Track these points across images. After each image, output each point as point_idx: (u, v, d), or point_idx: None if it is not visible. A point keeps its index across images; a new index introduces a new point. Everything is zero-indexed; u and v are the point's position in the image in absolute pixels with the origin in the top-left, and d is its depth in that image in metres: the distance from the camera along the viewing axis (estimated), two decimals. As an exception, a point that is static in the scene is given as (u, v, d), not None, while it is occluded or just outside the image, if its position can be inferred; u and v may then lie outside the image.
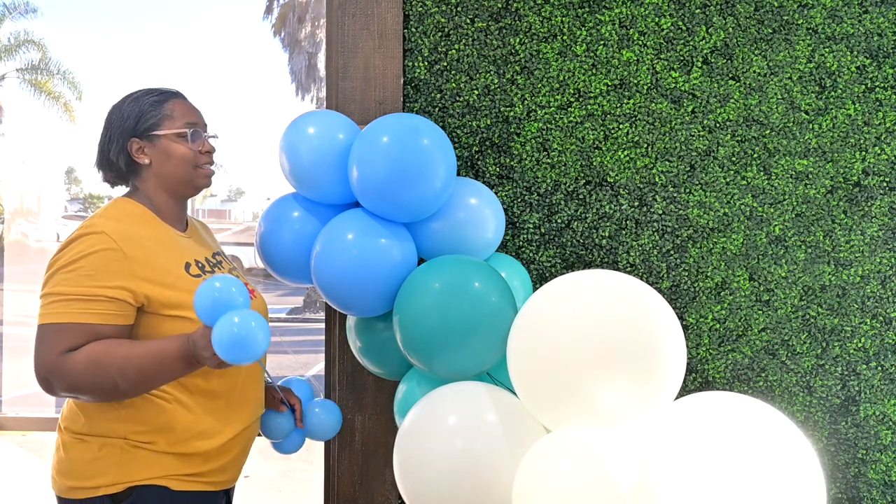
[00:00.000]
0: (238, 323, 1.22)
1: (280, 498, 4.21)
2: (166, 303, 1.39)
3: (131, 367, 1.34)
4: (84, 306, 1.34)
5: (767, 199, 1.77)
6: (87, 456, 1.40)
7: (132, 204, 1.49)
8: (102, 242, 1.37)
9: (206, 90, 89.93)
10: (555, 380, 1.28)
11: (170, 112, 1.50)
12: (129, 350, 1.35)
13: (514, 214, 1.81)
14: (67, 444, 1.43)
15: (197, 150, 1.51)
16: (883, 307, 1.77)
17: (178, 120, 1.50)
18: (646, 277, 1.79)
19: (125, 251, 1.38)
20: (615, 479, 1.17)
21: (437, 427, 1.37)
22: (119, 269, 1.36)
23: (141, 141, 1.48)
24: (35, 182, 17.96)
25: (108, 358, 1.33)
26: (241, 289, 1.28)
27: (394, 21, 1.80)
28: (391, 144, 1.45)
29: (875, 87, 1.76)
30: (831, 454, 1.78)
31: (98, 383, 1.34)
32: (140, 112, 1.49)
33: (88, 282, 1.35)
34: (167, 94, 1.52)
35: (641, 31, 1.78)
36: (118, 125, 1.49)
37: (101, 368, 1.33)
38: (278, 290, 15.73)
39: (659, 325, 1.28)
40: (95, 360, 1.33)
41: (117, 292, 1.36)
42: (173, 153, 1.49)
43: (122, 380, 1.34)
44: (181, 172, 1.50)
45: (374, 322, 1.62)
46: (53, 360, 1.33)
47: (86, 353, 1.33)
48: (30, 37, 18.19)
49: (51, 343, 1.34)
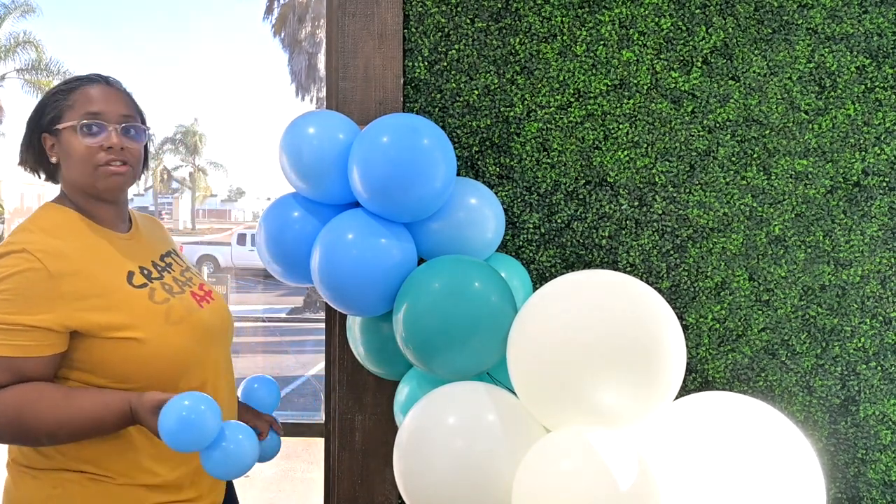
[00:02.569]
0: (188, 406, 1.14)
1: (280, 498, 4.21)
2: (106, 325, 1.21)
3: (64, 432, 1.18)
4: (2, 337, 1.16)
5: (767, 199, 1.77)
6: (39, 494, 1.24)
7: (59, 210, 1.30)
8: (23, 262, 1.18)
9: (207, 90, 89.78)
10: (555, 380, 1.28)
11: (72, 102, 1.27)
12: (62, 414, 1.17)
13: (514, 214, 1.81)
14: (17, 479, 1.27)
15: (95, 146, 1.26)
16: (883, 307, 1.77)
17: (78, 111, 1.27)
18: (646, 277, 1.79)
19: (50, 269, 1.18)
20: (615, 479, 1.17)
21: (437, 427, 1.37)
22: (41, 293, 1.17)
23: (51, 136, 1.29)
24: (35, 182, 17.96)
25: (37, 418, 1.16)
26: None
27: (394, 21, 1.80)
28: (391, 144, 1.45)
29: (875, 87, 1.76)
30: (831, 454, 1.78)
31: (18, 437, 1.20)
32: (46, 103, 1.29)
33: (6, 308, 1.16)
34: (82, 80, 1.30)
35: (641, 31, 1.78)
36: (32, 118, 1.31)
37: (25, 426, 1.17)
38: (278, 290, 15.72)
39: (659, 325, 1.28)
40: (20, 416, 1.16)
41: (39, 320, 1.17)
42: (71, 150, 1.27)
43: (48, 440, 1.20)
44: (81, 173, 1.28)
45: (375, 322, 1.62)
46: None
47: (8, 402, 1.16)
48: (28, 37, 18.18)
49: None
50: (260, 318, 12.31)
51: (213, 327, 1.39)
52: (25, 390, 1.17)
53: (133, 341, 1.23)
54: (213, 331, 1.39)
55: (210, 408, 1.16)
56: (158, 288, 1.32)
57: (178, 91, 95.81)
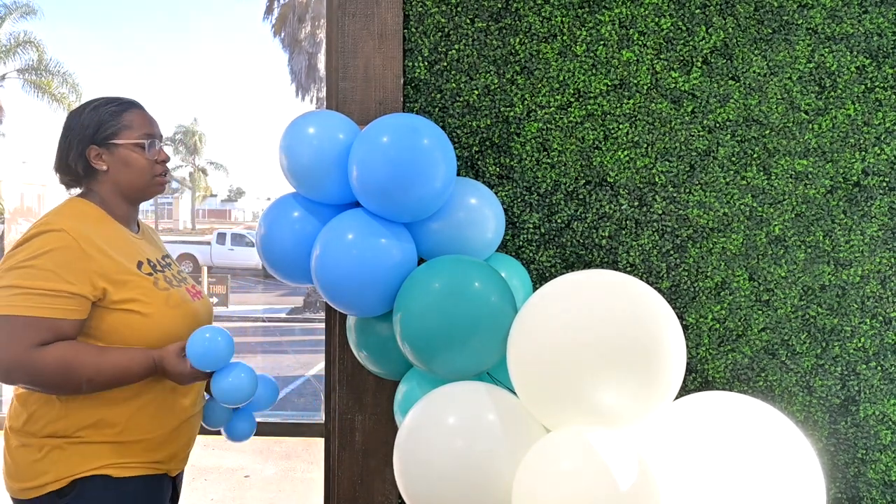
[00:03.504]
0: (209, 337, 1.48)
1: (280, 498, 4.21)
2: (119, 299, 1.47)
3: (101, 377, 1.43)
4: (48, 301, 1.40)
5: (767, 199, 1.77)
6: (30, 458, 1.48)
7: (86, 204, 1.56)
8: (62, 240, 1.43)
9: (207, 90, 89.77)
10: (555, 380, 1.28)
11: (129, 122, 1.57)
12: (100, 361, 1.43)
13: (514, 214, 1.81)
14: (13, 448, 1.50)
15: (153, 160, 1.59)
16: (883, 307, 1.77)
17: (136, 130, 1.58)
18: (646, 277, 1.79)
19: (83, 248, 1.44)
20: (615, 479, 1.17)
21: (437, 427, 1.37)
22: (79, 266, 1.43)
23: (99, 148, 1.55)
24: (35, 182, 17.95)
25: (79, 365, 1.41)
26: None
27: (394, 21, 1.80)
28: (391, 144, 1.45)
29: (875, 87, 1.76)
30: (831, 454, 1.78)
31: (63, 385, 1.43)
32: (100, 121, 1.56)
33: (52, 278, 1.40)
34: (126, 104, 1.60)
35: (641, 31, 1.78)
36: (78, 132, 1.56)
37: (70, 372, 1.41)
38: (278, 290, 15.74)
39: (659, 325, 1.28)
40: (67, 363, 1.41)
41: (78, 288, 1.42)
42: (132, 162, 1.57)
43: (88, 386, 1.43)
44: (138, 180, 1.59)
45: (375, 322, 1.62)
46: (21, 354, 1.39)
47: (57, 354, 1.40)
48: (28, 37, 18.19)
49: (18, 336, 1.39)
50: (260, 318, 12.32)
51: (201, 318, 1.64)
52: (68, 346, 1.42)
53: (137, 314, 1.48)
54: (200, 321, 1.63)
55: (226, 336, 1.50)
56: (161, 279, 1.58)
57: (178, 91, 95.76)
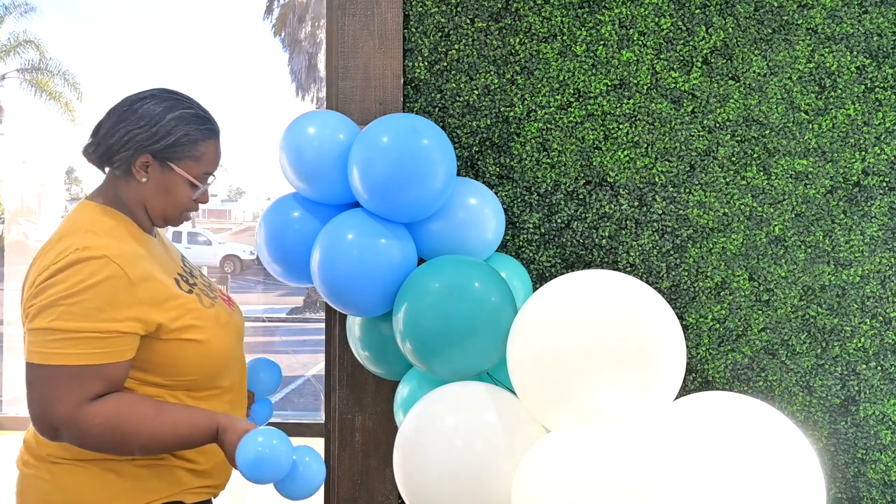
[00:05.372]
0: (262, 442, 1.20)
1: (280, 498, 4.21)
2: (174, 328, 1.28)
3: (155, 444, 1.25)
4: (96, 345, 1.20)
5: (767, 199, 1.77)
6: (91, 483, 1.27)
7: (112, 214, 1.33)
8: (106, 269, 1.21)
9: (207, 90, 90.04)
10: (555, 380, 1.28)
11: (199, 154, 1.35)
12: (156, 427, 1.24)
13: (514, 214, 1.81)
14: (56, 472, 1.29)
15: (194, 200, 1.39)
16: (883, 307, 1.77)
17: (201, 167, 1.36)
18: (646, 277, 1.79)
19: (130, 276, 1.23)
20: (615, 479, 1.17)
21: (437, 427, 1.37)
22: (126, 299, 1.22)
23: (153, 161, 1.32)
24: (35, 182, 17.97)
25: (132, 430, 1.23)
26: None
27: (394, 21, 1.80)
28: (391, 145, 1.45)
29: (875, 87, 1.76)
30: (831, 454, 1.78)
31: (111, 448, 1.25)
32: (172, 135, 1.32)
33: (99, 317, 1.20)
34: (209, 131, 1.37)
35: (641, 31, 1.78)
36: (144, 129, 1.31)
37: (122, 437, 1.22)
38: (278, 290, 15.73)
39: (659, 325, 1.28)
40: (118, 427, 1.22)
41: (129, 325, 1.22)
42: (176, 195, 1.35)
43: (140, 451, 1.26)
44: (168, 211, 1.37)
45: (375, 322, 1.62)
46: (72, 413, 1.20)
47: (108, 415, 1.21)
48: (28, 37, 18.20)
49: (66, 390, 1.20)
50: (260, 318, 12.31)
51: (241, 329, 1.49)
52: (121, 402, 1.23)
53: (194, 342, 1.30)
54: (242, 332, 1.49)
55: (283, 441, 1.21)
56: (200, 293, 1.39)
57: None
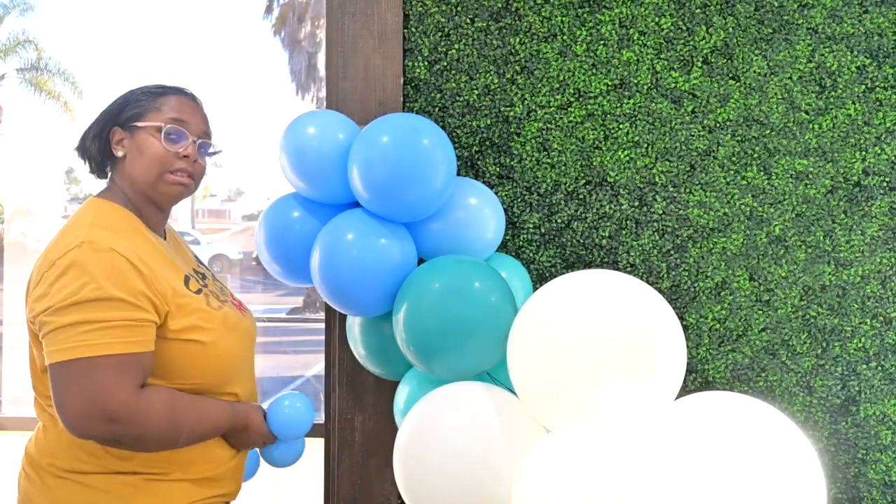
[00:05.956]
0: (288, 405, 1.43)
1: (280, 498, 4.21)
2: (178, 327, 1.22)
3: (199, 430, 1.23)
4: (130, 332, 1.15)
5: (767, 199, 1.77)
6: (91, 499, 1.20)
7: (118, 209, 1.28)
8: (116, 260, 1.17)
9: (206, 90, 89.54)
10: (555, 380, 1.28)
11: (159, 105, 1.29)
12: (201, 412, 1.23)
13: (514, 214, 1.80)
14: (55, 487, 1.21)
15: (172, 151, 1.27)
16: (883, 307, 1.77)
17: (164, 114, 1.28)
18: (646, 277, 1.79)
19: (139, 269, 1.18)
20: (615, 479, 1.17)
21: (437, 427, 1.36)
22: (141, 289, 1.17)
23: (123, 131, 1.28)
24: (35, 182, 17.96)
25: (184, 416, 1.20)
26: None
27: (394, 21, 1.80)
28: (391, 144, 1.45)
29: (875, 87, 1.76)
30: (831, 454, 1.78)
31: (166, 437, 1.20)
32: (128, 99, 1.30)
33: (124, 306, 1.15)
34: (170, 89, 1.32)
35: (641, 31, 1.78)
36: (106, 111, 1.30)
37: (177, 422, 1.19)
38: (278, 290, 15.72)
39: (659, 325, 1.28)
40: (174, 411, 1.18)
41: (152, 314, 1.18)
42: (147, 147, 1.27)
43: (184, 440, 1.21)
44: (147, 173, 1.27)
45: (375, 322, 1.62)
46: (133, 399, 1.13)
47: (164, 399, 1.18)
48: (27, 36, 18.20)
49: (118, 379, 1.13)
50: (260, 318, 12.33)
51: (253, 335, 1.43)
52: (166, 391, 1.20)
53: (198, 344, 1.24)
54: (253, 338, 1.43)
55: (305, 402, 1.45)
56: (210, 295, 1.33)
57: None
